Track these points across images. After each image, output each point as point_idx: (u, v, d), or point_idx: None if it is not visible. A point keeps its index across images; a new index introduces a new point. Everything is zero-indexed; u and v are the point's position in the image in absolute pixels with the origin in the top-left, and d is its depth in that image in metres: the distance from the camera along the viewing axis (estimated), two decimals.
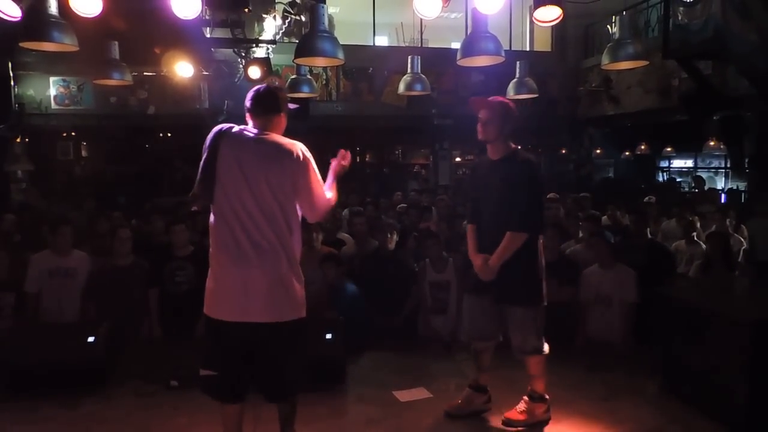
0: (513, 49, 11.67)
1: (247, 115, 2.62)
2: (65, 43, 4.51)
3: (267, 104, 2.61)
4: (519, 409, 3.28)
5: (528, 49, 12.84)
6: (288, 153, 2.48)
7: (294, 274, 2.50)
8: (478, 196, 3.32)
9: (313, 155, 2.63)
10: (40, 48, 4.67)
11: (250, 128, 2.57)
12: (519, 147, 3.27)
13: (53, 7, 4.36)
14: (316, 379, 3.64)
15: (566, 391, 3.67)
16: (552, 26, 5.76)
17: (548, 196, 7.66)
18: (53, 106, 10.39)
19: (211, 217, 2.53)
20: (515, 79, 6.88)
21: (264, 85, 2.76)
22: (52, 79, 10.34)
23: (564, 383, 3.78)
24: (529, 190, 3.11)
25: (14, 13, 3.85)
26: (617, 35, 5.29)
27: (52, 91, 10.38)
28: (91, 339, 3.69)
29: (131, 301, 4.55)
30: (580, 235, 5.28)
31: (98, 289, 4.53)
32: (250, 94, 2.61)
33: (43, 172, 10.32)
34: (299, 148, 2.53)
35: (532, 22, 12.55)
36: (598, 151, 12.85)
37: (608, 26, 5.52)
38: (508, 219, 3.08)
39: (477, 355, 3.41)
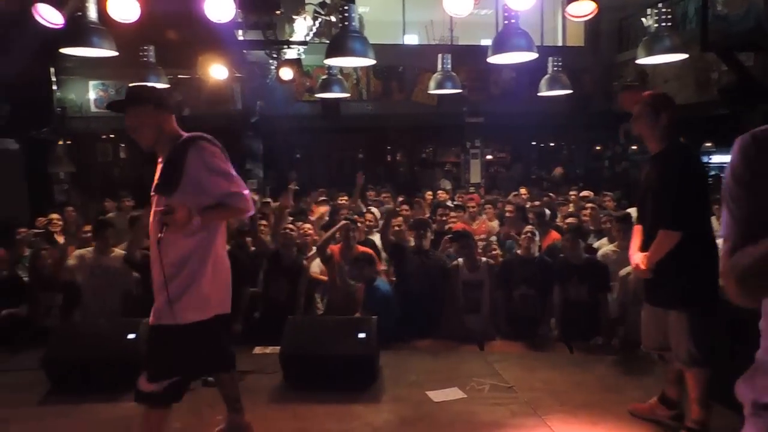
0: (545, 44, 11.49)
1: None
2: (104, 49, 4.66)
3: None
4: None
5: (560, 44, 12.64)
6: None
7: None
8: (642, 195, 3.16)
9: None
10: (81, 54, 4.82)
11: None
12: (678, 139, 3.06)
13: (93, 14, 4.51)
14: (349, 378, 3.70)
15: (602, 394, 3.62)
16: (585, 21, 5.66)
17: (582, 194, 7.57)
18: (93, 109, 10.71)
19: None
20: (547, 75, 6.80)
21: None
22: (91, 83, 10.66)
23: (600, 386, 3.73)
24: (681, 186, 2.88)
25: (57, 20, 3.99)
26: (653, 28, 5.17)
27: (92, 95, 10.71)
28: (131, 336, 3.79)
29: None
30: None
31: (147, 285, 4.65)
32: None
33: (84, 173, 10.65)
34: None
35: (564, 17, 12.35)
36: (634, 147, 12.57)
37: (643, 19, 5.38)
38: (661, 217, 2.93)
39: (665, 364, 3.22)
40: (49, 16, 4.02)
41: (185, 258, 2.45)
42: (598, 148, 13.11)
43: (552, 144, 14.24)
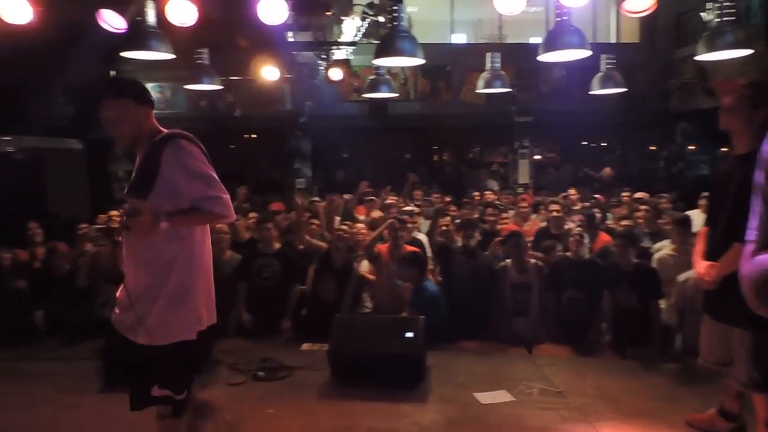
0: (597, 41, 11.20)
1: None
2: (162, 52, 4.83)
3: None
4: None
5: (614, 40, 12.28)
6: None
7: None
8: (716, 197, 2.92)
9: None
10: (141, 57, 5.01)
11: None
12: None
13: (152, 19, 4.68)
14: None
15: (657, 402, 3.51)
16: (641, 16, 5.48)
17: (636, 196, 7.33)
18: None
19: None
20: (600, 73, 6.62)
21: None
22: (148, 85, 10.95)
23: (655, 394, 3.62)
24: None
25: (120, 25, 4.16)
26: (714, 22, 4.95)
27: None
28: None
29: (226, 293, 4.78)
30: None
31: None
32: None
33: None
34: None
35: (618, 12, 11.98)
36: (691, 147, 12.09)
37: (703, 13, 5.15)
38: (742, 227, 2.75)
39: (723, 378, 3.04)
40: (113, 21, 4.21)
41: (166, 268, 2.26)
42: (652, 148, 12.67)
43: (604, 144, 13.85)
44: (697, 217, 5.33)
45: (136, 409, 2.41)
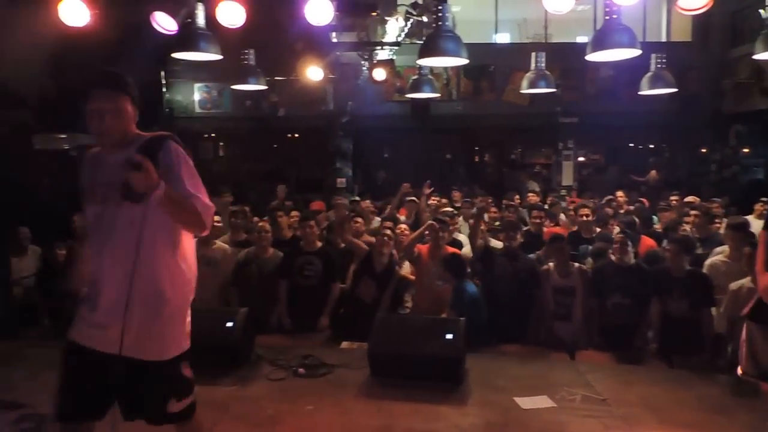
0: (647, 40, 10.89)
1: None
2: (211, 53, 4.95)
3: None
4: None
5: (665, 39, 11.92)
6: None
7: None
8: None
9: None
10: (190, 58, 5.15)
11: None
12: None
13: (201, 21, 4.81)
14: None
15: (707, 414, 3.38)
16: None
17: (686, 200, 7.10)
18: (197, 110, 11.44)
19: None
20: (650, 73, 6.43)
21: None
22: (196, 85, 11.38)
23: (704, 406, 3.48)
24: None
25: (172, 27, 4.28)
26: None
27: (196, 96, 11.43)
28: (229, 324, 3.99)
29: (267, 290, 4.87)
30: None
31: (243, 277, 4.90)
32: None
33: None
34: None
35: (669, 11, 11.62)
36: (745, 150, 11.62)
37: (761, 11, 4.95)
38: None
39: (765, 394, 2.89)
40: (165, 24, 4.35)
41: (169, 277, 2.28)
42: (703, 150, 12.23)
43: (651, 146, 13.45)
44: (753, 223, 5.12)
45: (157, 425, 2.35)
